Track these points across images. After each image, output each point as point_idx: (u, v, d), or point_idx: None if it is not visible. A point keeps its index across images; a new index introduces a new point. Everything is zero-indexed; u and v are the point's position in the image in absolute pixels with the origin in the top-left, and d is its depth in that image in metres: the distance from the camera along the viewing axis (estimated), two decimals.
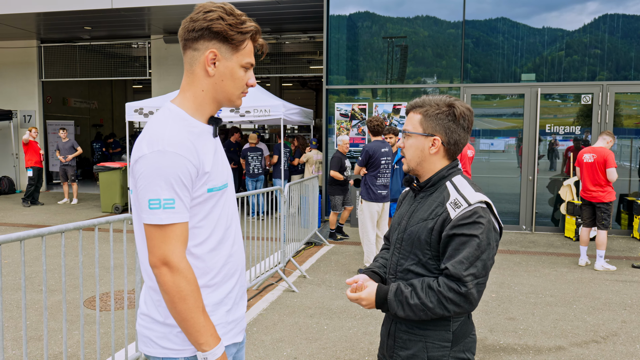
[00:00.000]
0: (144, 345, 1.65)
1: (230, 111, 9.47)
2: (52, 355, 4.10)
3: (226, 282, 1.68)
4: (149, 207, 1.49)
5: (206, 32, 1.57)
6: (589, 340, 4.48)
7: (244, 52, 1.62)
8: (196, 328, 1.52)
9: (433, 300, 1.71)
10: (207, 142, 1.63)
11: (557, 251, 7.99)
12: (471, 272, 1.68)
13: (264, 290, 5.83)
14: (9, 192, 14.53)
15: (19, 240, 2.58)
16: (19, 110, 15.07)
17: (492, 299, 5.58)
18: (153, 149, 1.49)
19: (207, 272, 1.62)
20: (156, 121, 1.58)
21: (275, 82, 20.49)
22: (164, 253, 1.49)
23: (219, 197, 1.64)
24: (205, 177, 1.57)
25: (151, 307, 1.63)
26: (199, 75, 1.62)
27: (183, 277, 1.50)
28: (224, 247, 1.67)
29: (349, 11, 10.36)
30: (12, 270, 6.57)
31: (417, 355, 1.81)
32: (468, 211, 1.73)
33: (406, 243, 1.86)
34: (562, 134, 9.53)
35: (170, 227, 1.49)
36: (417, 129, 1.87)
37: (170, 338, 1.60)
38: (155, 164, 1.48)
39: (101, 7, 11.19)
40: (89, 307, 5.23)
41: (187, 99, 1.64)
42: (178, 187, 1.49)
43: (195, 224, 1.59)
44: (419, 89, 10.15)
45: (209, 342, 1.54)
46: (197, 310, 1.51)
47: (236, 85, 1.65)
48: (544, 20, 9.60)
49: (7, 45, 14.81)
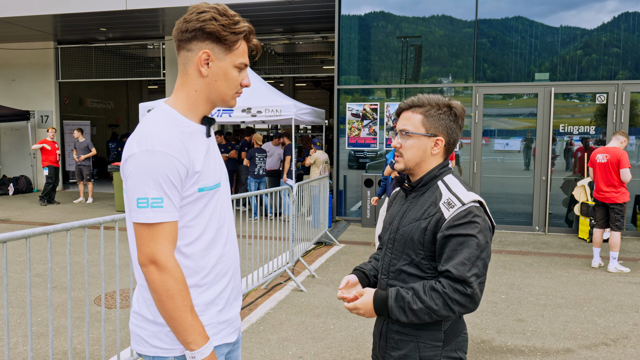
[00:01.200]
0: (136, 344, 1.67)
1: (241, 111, 9.52)
2: (61, 351, 4.17)
3: (218, 282, 1.68)
4: (137, 206, 1.50)
5: (199, 32, 1.58)
6: (598, 343, 4.41)
7: (237, 52, 1.63)
8: (184, 327, 1.53)
9: (438, 302, 1.68)
10: (199, 141, 1.63)
11: (570, 252, 7.89)
12: (474, 273, 1.68)
13: (272, 289, 5.85)
14: (27, 191, 14.79)
15: (24, 238, 2.62)
16: (37, 111, 15.33)
17: (502, 300, 5.53)
18: (142, 148, 1.50)
19: (197, 271, 1.63)
20: (148, 121, 1.59)
21: (289, 83, 20.55)
22: (152, 252, 1.50)
23: (211, 197, 1.64)
24: (196, 176, 1.58)
25: (142, 305, 1.64)
26: (192, 76, 1.63)
27: (171, 276, 1.51)
28: (216, 247, 1.67)
29: (360, 11, 10.35)
30: (25, 267, 6.68)
31: (409, 356, 1.80)
32: (462, 211, 1.72)
33: (398, 243, 1.86)
34: (576, 133, 9.40)
35: (159, 226, 1.50)
36: (419, 129, 1.85)
37: (160, 337, 1.61)
38: (143, 164, 1.49)
39: (116, 9, 11.34)
40: (98, 305, 5.30)
41: (180, 99, 1.65)
42: (166, 187, 1.50)
43: (186, 223, 1.59)
44: (431, 88, 10.10)
45: (196, 341, 1.54)
46: (184, 309, 1.52)
47: (230, 86, 1.65)
48: (558, 19, 9.49)
49: (25, 47, 15.08)
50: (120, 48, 15.26)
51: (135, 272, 1.65)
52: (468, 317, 5.02)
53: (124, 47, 15.19)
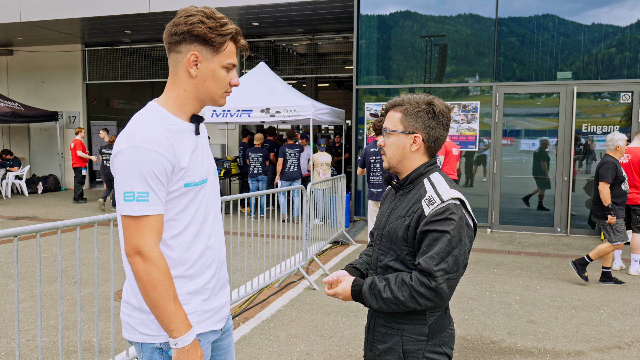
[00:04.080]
0: (126, 332, 1.74)
1: (260, 111, 9.63)
2: (84, 342, 4.30)
3: (202, 273, 1.75)
4: (124, 199, 1.58)
5: (187, 35, 1.64)
6: (611, 346, 4.33)
7: (224, 53, 1.69)
8: (167, 315, 1.60)
9: (405, 294, 1.74)
10: (187, 139, 1.70)
11: None
12: (442, 267, 1.70)
13: (285, 287, 5.91)
14: (55, 189, 15.23)
15: (34, 233, 2.73)
16: (65, 112, 15.77)
17: (515, 302, 5.47)
18: (129, 144, 1.58)
19: (182, 262, 1.71)
20: (137, 119, 1.67)
21: (311, 83, 20.63)
22: (137, 243, 1.58)
23: (197, 192, 1.71)
24: (182, 172, 1.65)
25: (130, 294, 1.72)
26: (182, 77, 1.70)
27: (154, 266, 1.58)
28: (200, 240, 1.74)
29: (379, 11, 10.34)
30: (49, 263, 6.90)
31: (394, 349, 1.83)
32: (441, 208, 1.75)
33: (385, 240, 1.89)
34: (599, 133, 9.21)
35: (144, 219, 1.58)
36: (397, 127, 1.89)
37: (147, 324, 1.69)
38: (130, 159, 1.57)
39: (139, 12, 11.60)
40: (116, 300, 5.44)
41: (169, 98, 1.72)
42: (152, 181, 1.58)
43: (172, 216, 1.67)
44: (448, 88, 10.02)
45: (179, 328, 1.61)
46: (167, 297, 1.59)
47: (218, 86, 1.72)
48: (587, 17, 9.30)
49: (53, 50, 15.53)
50: (145, 50, 15.58)
51: (124, 264, 1.72)
52: (479, 317, 4.98)
53: (149, 49, 15.50)
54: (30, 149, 16.40)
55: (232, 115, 9.86)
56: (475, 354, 4.17)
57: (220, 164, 11.68)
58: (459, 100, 9.84)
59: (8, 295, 5.58)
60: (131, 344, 1.78)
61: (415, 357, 1.81)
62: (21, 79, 16.15)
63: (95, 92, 17.09)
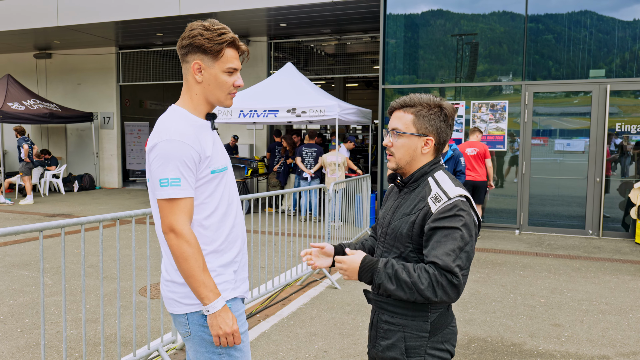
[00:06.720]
0: (170, 307, 1.98)
1: (286, 111, 9.71)
2: (106, 335, 4.44)
3: (231, 248, 2.01)
4: (159, 185, 1.83)
5: (190, 47, 1.93)
6: (638, 351, 4.21)
7: (223, 59, 1.93)
8: (198, 283, 1.83)
9: (424, 282, 1.71)
10: (207, 133, 1.97)
11: (623, 258, 7.51)
12: (458, 264, 1.71)
13: (307, 286, 5.95)
14: (90, 188, 15.70)
15: (59, 228, 2.85)
16: (99, 112, 16.25)
17: (540, 304, 5.37)
18: (162, 138, 1.85)
19: (215, 239, 1.96)
20: (164, 118, 1.95)
21: (339, 83, 20.65)
22: (171, 222, 1.83)
23: (221, 178, 1.97)
24: (207, 160, 1.90)
25: (172, 272, 1.94)
26: (191, 82, 1.98)
27: (185, 241, 1.83)
28: (228, 219, 2.00)
29: (407, 10, 10.28)
30: (77, 259, 7.13)
31: (396, 345, 1.85)
32: (448, 204, 1.76)
33: (389, 237, 1.91)
34: (634, 133, 8.93)
35: (177, 201, 1.83)
36: (409, 129, 1.89)
37: (190, 295, 1.92)
38: (164, 151, 1.83)
39: (170, 14, 11.85)
40: (143, 295, 5.59)
41: (185, 101, 2.00)
42: (183, 169, 1.83)
43: (202, 200, 1.92)
44: (479, 87, 9.88)
45: (209, 296, 1.84)
46: (197, 268, 1.83)
47: (222, 88, 1.96)
48: (627, 13, 9.04)
49: (89, 52, 16.02)
50: (176, 52, 15.88)
51: (162, 245, 1.95)
52: (501, 319, 4.92)
53: None
54: (67, 148, 16.96)
55: (259, 116, 9.98)
56: (495, 355, 4.12)
57: (248, 164, 11.82)
58: (488, 100, 9.70)
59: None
60: (175, 317, 1.97)
61: (418, 354, 1.82)
62: (59, 81, 16.71)
63: (128, 93, 17.53)
